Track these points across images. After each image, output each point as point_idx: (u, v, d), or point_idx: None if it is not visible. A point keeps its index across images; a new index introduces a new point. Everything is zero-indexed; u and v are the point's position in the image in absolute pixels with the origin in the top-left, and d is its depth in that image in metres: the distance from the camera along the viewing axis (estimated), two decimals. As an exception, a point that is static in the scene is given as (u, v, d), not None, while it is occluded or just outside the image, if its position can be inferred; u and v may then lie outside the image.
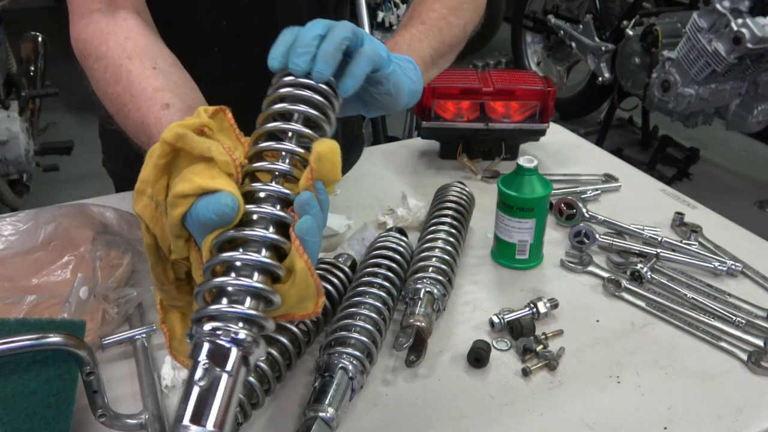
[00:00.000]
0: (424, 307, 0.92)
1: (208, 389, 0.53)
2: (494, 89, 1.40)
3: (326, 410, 0.76)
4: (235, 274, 0.57)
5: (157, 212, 0.61)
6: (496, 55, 4.84)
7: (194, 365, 0.54)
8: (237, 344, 0.55)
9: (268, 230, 0.59)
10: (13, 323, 0.80)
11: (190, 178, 0.58)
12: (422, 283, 0.95)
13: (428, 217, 1.11)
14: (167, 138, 0.59)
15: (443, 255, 1.00)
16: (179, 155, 0.61)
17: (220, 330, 0.55)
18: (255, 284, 0.57)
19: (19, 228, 1.03)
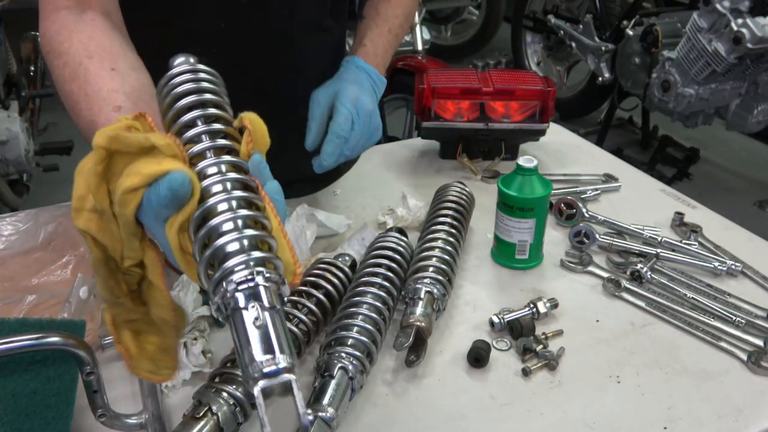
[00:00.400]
0: (424, 307, 0.92)
1: (263, 326, 0.54)
2: (494, 89, 1.40)
3: (326, 410, 0.76)
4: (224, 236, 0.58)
5: (103, 221, 0.61)
6: (496, 55, 4.84)
7: (239, 316, 0.55)
8: (266, 280, 0.56)
9: (239, 191, 0.60)
10: (13, 323, 0.80)
11: (137, 171, 0.58)
12: (422, 283, 0.95)
13: (428, 216, 1.11)
14: (101, 143, 0.59)
15: (443, 255, 1.00)
16: (114, 159, 0.60)
17: (243, 278, 0.55)
18: (253, 232, 0.58)
19: (19, 228, 1.03)
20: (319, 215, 1.16)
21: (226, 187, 0.60)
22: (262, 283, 0.56)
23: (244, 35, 1.09)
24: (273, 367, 0.52)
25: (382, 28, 1.17)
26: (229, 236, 0.57)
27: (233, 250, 0.57)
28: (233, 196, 0.59)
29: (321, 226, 1.15)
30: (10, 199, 2.87)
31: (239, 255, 0.57)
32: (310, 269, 0.98)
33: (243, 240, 0.58)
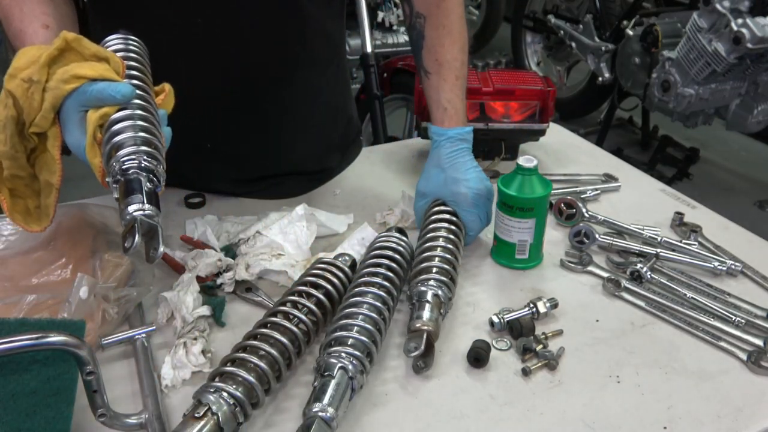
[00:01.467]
0: (431, 311, 0.92)
1: (151, 190, 0.80)
2: (494, 89, 1.40)
3: (326, 410, 0.76)
4: None
5: (30, 91, 0.81)
6: (496, 55, 4.84)
7: (137, 178, 0.79)
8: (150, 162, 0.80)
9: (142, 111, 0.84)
10: (13, 323, 0.80)
11: (91, 66, 0.81)
12: (427, 285, 0.95)
13: (426, 216, 1.11)
14: (68, 37, 0.82)
15: (445, 254, 1.00)
16: (64, 54, 0.82)
17: (138, 157, 0.80)
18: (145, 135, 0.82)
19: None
20: (319, 215, 1.16)
21: (136, 105, 0.84)
22: (151, 164, 0.80)
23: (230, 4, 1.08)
24: (148, 211, 0.77)
25: (449, 79, 1.16)
26: (131, 133, 0.80)
27: (127, 143, 0.80)
28: (138, 114, 0.82)
29: (321, 226, 1.15)
30: (10, 199, 2.87)
31: (136, 145, 0.80)
32: (309, 269, 0.98)
33: (139, 137, 0.81)
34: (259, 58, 1.13)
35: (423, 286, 0.94)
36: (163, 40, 0.99)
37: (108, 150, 0.81)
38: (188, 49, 1.09)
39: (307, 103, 1.22)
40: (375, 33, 3.41)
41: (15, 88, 0.81)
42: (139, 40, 0.94)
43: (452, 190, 1.09)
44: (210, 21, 1.08)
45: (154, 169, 0.80)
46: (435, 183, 1.12)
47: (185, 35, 1.08)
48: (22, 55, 0.83)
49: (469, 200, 1.08)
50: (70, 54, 0.83)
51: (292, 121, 1.22)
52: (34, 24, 0.92)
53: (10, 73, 0.81)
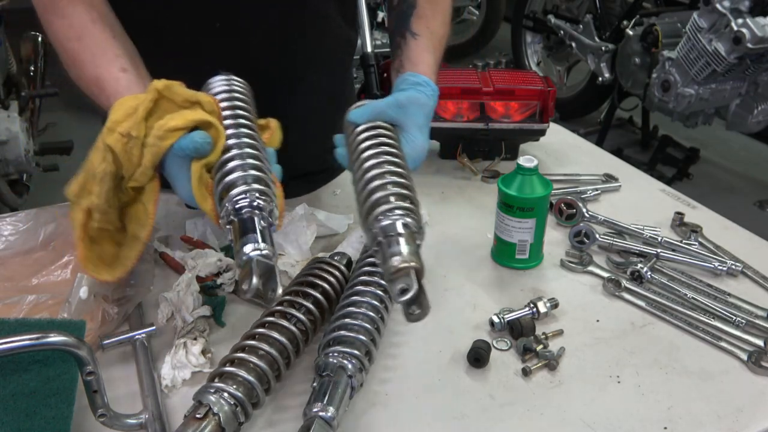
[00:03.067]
0: (408, 243, 0.76)
1: (265, 230, 0.78)
2: (494, 89, 1.40)
3: (326, 409, 0.76)
4: None
5: (129, 145, 0.79)
6: (496, 55, 4.84)
7: (251, 217, 0.77)
8: (263, 199, 0.79)
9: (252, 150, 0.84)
10: (13, 323, 0.80)
11: (182, 115, 0.80)
12: (391, 216, 0.78)
13: (353, 141, 0.92)
14: (159, 87, 0.81)
15: (397, 177, 0.84)
16: (158, 103, 0.81)
17: (247, 198, 0.78)
18: (258, 173, 0.81)
19: (19, 228, 1.03)
20: (319, 215, 1.16)
21: (242, 145, 0.83)
22: (264, 204, 0.78)
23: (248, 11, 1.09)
24: (267, 251, 0.74)
25: (438, 49, 1.09)
26: (242, 172, 0.80)
27: (245, 180, 0.79)
28: (249, 153, 0.82)
29: (321, 226, 1.15)
30: (10, 199, 2.87)
31: (248, 184, 0.79)
32: (306, 269, 0.97)
33: (250, 175, 0.80)
34: (265, 61, 1.12)
35: (386, 219, 0.77)
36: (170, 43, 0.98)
37: (219, 191, 0.80)
38: (193, 52, 1.09)
39: (313, 106, 1.22)
40: (375, 33, 3.41)
41: (114, 143, 0.79)
42: (242, 80, 0.93)
43: (397, 101, 0.94)
44: (215, 24, 1.08)
45: (267, 207, 0.78)
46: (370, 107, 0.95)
47: (192, 38, 1.08)
48: (119, 107, 0.81)
49: (418, 112, 0.95)
50: (163, 103, 0.82)
51: (297, 125, 1.22)
52: (111, 69, 0.89)
53: (108, 126, 0.80)
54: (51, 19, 0.93)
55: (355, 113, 0.93)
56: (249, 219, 0.77)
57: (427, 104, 0.97)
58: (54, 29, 0.93)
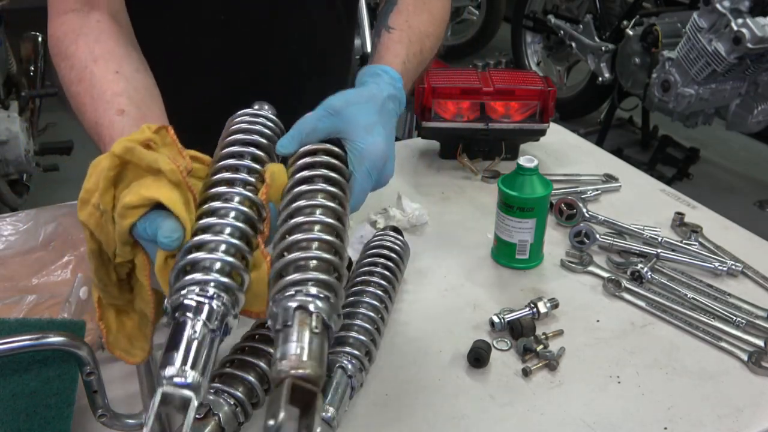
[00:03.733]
0: (298, 337, 0.57)
1: (195, 341, 0.58)
2: (494, 89, 1.40)
3: (326, 410, 0.76)
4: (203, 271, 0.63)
5: (103, 220, 0.66)
6: (496, 55, 4.83)
7: (183, 322, 0.59)
8: (220, 304, 0.60)
9: (238, 222, 0.66)
10: (13, 323, 0.80)
11: (137, 190, 0.64)
12: (289, 298, 0.60)
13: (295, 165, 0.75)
14: (117, 151, 0.65)
15: (326, 236, 0.66)
16: (127, 168, 0.66)
17: (200, 292, 0.60)
18: (229, 258, 0.62)
19: (19, 228, 1.03)
20: (319, 215, 1.15)
21: (228, 214, 0.66)
22: (215, 305, 0.60)
23: (249, 23, 1.09)
24: (182, 380, 0.56)
25: (414, 45, 0.95)
26: (206, 254, 0.62)
27: (204, 266, 0.62)
28: (229, 223, 0.65)
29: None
30: (10, 199, 2.87)
31: (206, 272, 0.61)
32: None
33: (216, 262, 0.62)
34: (264, 63, 1.12)
35: (286, 299, 0.60)
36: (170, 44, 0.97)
37: (178, 269, 0.62)
38: (198, 61, 1.08)
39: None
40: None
41: (88, 219, 0.66)
42: (273, 114, 0.77)
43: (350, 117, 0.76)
44: (221, 31, 1.08)
45: (222, 313, 0.60)
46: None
47: (192, 39, 1.08)
48: (92, 170, 0.67)
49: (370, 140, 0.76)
50: (131, 167, 0.66)
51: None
52: (108, 113, 0.79)
53: (81, 197, 0.67)
54: (58, 62, 0.87)
55: (281, 143, 0.74)
56: (181, 325, 0.58)
57: (377, 96, 0.80)
58: (61, 74, 0.86)
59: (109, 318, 0.73)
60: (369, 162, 0.75)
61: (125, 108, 0.79)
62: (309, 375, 0.55)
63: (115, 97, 0.80)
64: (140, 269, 0.69)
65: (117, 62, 0.84)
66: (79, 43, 0.85)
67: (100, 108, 0.80)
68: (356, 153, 0.75)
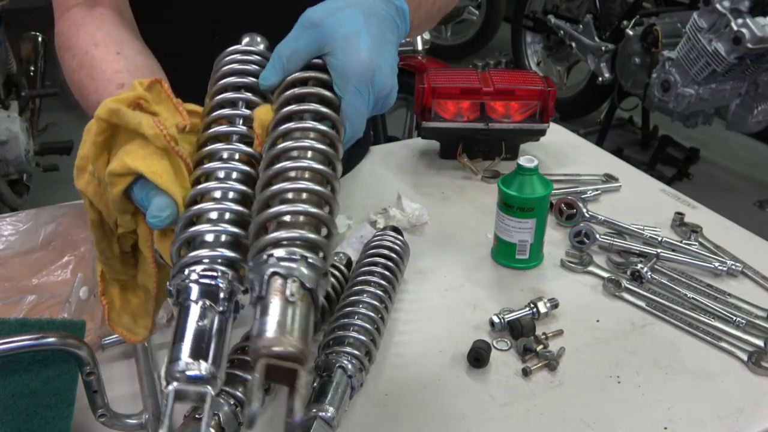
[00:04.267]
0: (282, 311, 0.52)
1: (205, 328, 0.53)
2: (494, 89, 1.40)
3: (326, 410, 0.76)
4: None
5: (101, 188, 0.62)
6: (496, 55, 4.84)
7: (187, 307, 0.54)
8: (228, 283, 0.55)
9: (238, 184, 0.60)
10: (13, 323, 0.80)
11: (122, 156, 0.59)
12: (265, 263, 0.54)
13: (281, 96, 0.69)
14: (101, 114, 0.60)
15: (311, 189, 0.59)
16: (118, 131, 0.61)
17: (206, 273, 0.55)
18: (231, 228, 0.57)
19: (19, 228, 1.03)
20: (319, 215, 1.15)
21: (228, 176, 0.60)
22: (221, 284, 0.55)
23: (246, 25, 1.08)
24: (195, 372, 0.51)
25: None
26: (208, 226, 0.57)
27: (205, 240, 0.57)
28: (229, 186, 0.60)
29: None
30: (10, 199, 2.87)
31: (210, 248, 0.56)
32: None
33: (220, 235, 0.57)
34: None
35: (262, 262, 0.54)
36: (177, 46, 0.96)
37: (179, 244, 0.57)
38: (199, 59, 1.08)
39: None
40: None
41: (86, 187, 0.63)
42: (266, 47, 0.70)
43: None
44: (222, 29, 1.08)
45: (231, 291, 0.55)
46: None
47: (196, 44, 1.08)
48: (85, 135, 0.62)
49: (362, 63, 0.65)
50: (120, 132, 0.61)
51: None
52: (108, 89, 0.76)
53: (77, 164, 0.63)
54: (62, 55, 0.86)
55: (262, 76, 0.66)
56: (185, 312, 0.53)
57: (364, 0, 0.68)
58: (65, 66, 0.85)
59: (113, 293, 0.70)
60: (354, 79, 0.65)
61: (125, 82, 0.75)
62: (286, 352, 0.49)
63: (115, 74, 0.78)
64: (142, 239, 0.64)
65: (118, 45, 0.81)
66: (80, 33, 0.85)
67: (100, 87, 0.77)
68: (337, 70, 0.65)
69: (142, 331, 0.71)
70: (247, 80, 0.67)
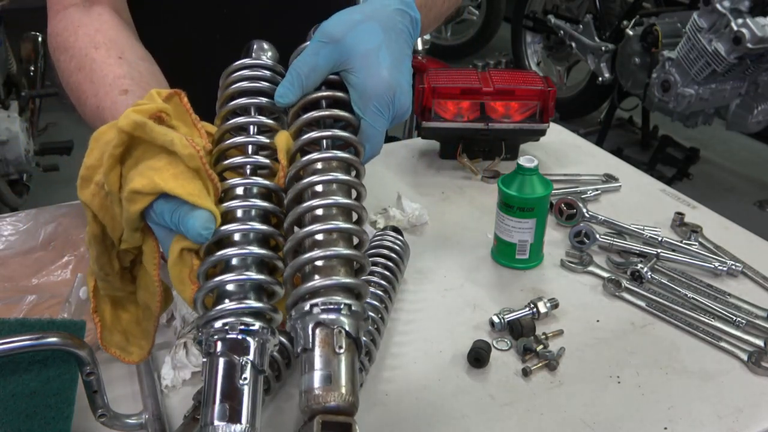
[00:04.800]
0: (324, 362, 0.52)
1: (240, 387, 0.52)
2: (494, 89, 1.40)
3: (326, 410, 0.76)
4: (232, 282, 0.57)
5: (108, 201, 0.59)
6: (496, 55, 4.84)
7: (215, 362, 0.53)
8: (252, 335, 0.54)
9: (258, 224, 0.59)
10: (13, 323, 0.79)
11: (150, 175, 0.55)
12: (309, 314, 0.55)
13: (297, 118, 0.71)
14: (125, 127, 0.56)
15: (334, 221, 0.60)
16: (134, 143, 0.58)
17: (232, 325, 0.54)
18: (257, 276, 0.57)
19: (19, 228, 1.03)
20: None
21: (248, 216, 0.59)
22: (250, 339, 0.54)
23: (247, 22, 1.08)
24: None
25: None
26: (234, 275, 0.56)
27: (232, 290, 0.56)
28: (252, 228, 0.58)
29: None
30: (10, 199, 2.87)
31: (234, 301, 0.55)
32: None
33: (245, 284, 0.56)
34: None
35: (304, 316, 0.55)
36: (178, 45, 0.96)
37: (205, 291, 0.56)
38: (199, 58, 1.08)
39: None
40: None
41: (90, 200, 0.59)
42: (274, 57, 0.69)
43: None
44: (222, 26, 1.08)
45: (264, 343, 0.54)
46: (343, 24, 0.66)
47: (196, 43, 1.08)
48: (93, 143, 0.60)
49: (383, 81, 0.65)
50: (141, 142, 0.58)
51: None
52: (110, 95, 0.73)
53: (82, 174, 0.60)
54: (57, 56, 0.84)
55: (279, 93, 0.65)
56: (228, 368, 0.52)
57: (379, 11, 0.67)
58: (61, 67, 0.82)
59: (105, 310, 0.69)
60: (375, 99, 0.65)
61: (129, 88, 0.73)
62: (339, 406, 0.50)
63: (118, 79, 0.75)
64: (148, 258, 0.62)
65: (119, 49, 0.79)
66: (79, 34, 0.82)
67: (101, 92, 0.75)
68: (358, 90, 0.64)
69: (136, 351, 0.70)
70: (259, 101, 0.65)
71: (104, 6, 0.87)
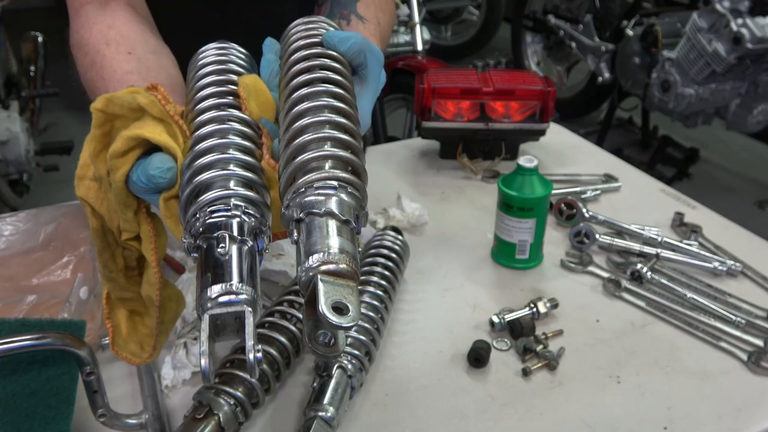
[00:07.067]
0: (340, 235, 0.51)
1: (227, 256, 0.51)
2: (494, 89, 1.40)
3: (326, 410, 0.76)
4: None
5: (101, 190, 0.61)
6: (496, 55, 4.83)
7: (206, 245, 0.52)
8: (244, 215, 0.53)
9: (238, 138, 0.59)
10: (13, 323, 0.80)
11: (122, 135, 0.58)
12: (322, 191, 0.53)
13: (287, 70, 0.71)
14: (97, 106, 0.59)
15: (339, 133, 0.59)
16: (115, 125, 0.60)
17: (219, 207, 0.53)
18: (243, 172, 0.56)
19: (19, 228, 1.03)
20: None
21: (226, 132, 0.59)
22: (238, 214, 0.52)
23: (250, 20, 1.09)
24: (227, 297, 0.48)
25: (385, 36, 0.96)
26: (218, 171, 0.55)
27: (218, 184, 0.55)
28: (233, 142, 0.58)
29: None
30: (10, 199, 2.87)
31: (220, 189, 0.54)
32: None
33: (232, 178, 0.55)
34: None
35: (312, 193, 0.53)
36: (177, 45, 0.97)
37: (187, 196, 0.55)
38: None
39: None
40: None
41: (86, 193, 0.62)
42: (244, 52, 0.72)
43: None
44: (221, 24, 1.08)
45: (252, 225, 0.53)
46: None
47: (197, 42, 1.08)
48: (85, 143, 0.61)
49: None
50: (117, 122, 0.61)
51: None
52: (119, 90, 0.70)
53: (78, 173, 0.63)
54: (75, 53, 0.86)
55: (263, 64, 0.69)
56: (209, 248, 0.52)
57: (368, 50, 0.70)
58: (78, 64, 0.85)
59: (119, 318, 0.69)
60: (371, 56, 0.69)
61: (135, 83, 0.74)
62: (343, 270, 0.48)
63: (126, 75, 0.78)
64: (145, 242, 0.62)
65: (130, 45, 0.82)
66: (92, 31, 0.84)
67: (111, 87, 0.77)
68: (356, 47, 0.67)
69: (146, 356, 0.71)
70: (230, 66, 0.68)
71: (119, 2, 0.88)
